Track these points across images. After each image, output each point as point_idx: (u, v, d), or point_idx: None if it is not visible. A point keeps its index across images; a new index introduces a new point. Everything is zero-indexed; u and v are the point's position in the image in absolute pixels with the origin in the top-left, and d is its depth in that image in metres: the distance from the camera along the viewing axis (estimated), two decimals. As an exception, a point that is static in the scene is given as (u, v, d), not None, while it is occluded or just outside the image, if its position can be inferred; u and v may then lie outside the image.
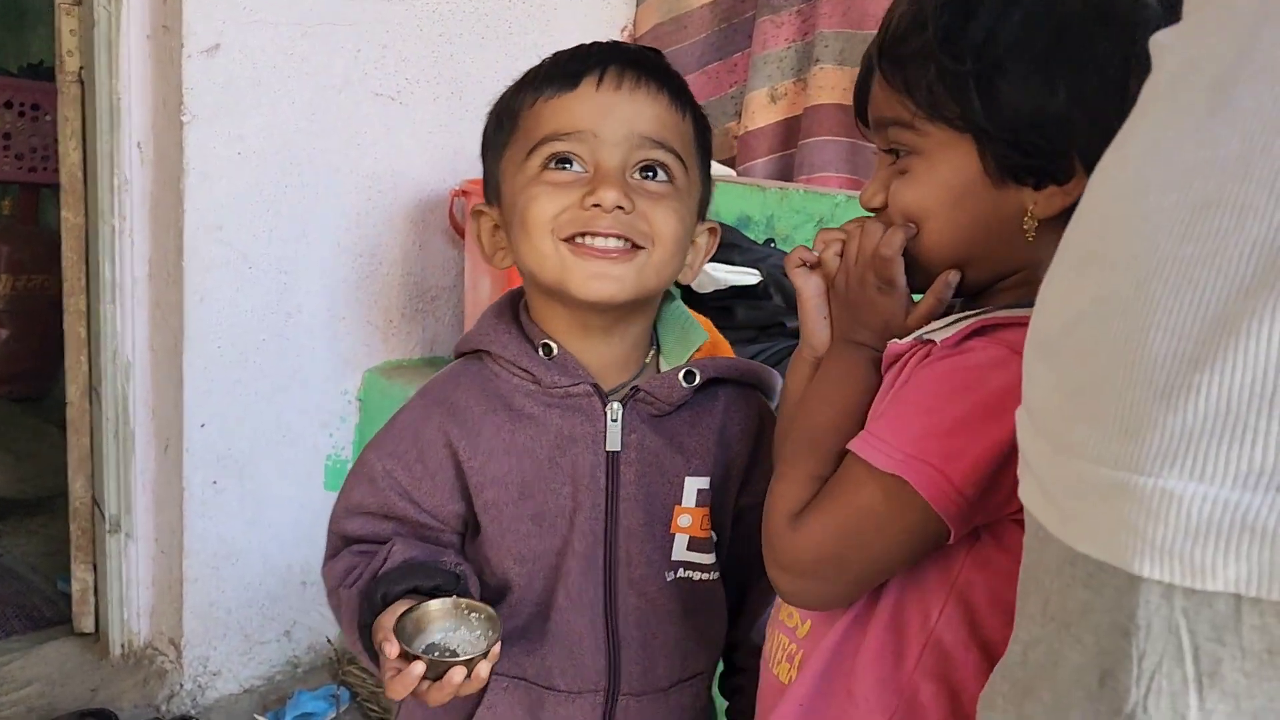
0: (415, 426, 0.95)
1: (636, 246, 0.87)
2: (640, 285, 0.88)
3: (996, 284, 0.80)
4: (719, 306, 1.89)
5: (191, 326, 1.97)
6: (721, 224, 2.05)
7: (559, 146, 0.87)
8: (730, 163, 2.37)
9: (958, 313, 0.80)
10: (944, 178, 0.77)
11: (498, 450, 0.92)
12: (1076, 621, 0.49)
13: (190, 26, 1.85)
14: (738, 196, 2.14)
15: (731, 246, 1.92)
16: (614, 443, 0.92)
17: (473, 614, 0.84)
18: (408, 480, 0.94)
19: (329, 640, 2.26)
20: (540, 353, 0.93)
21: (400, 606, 0.84)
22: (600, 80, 0.88)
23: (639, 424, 0.93)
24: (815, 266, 0.85)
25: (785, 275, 1.84)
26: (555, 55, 0.93)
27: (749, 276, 1.84)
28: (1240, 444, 0.43)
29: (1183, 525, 0.44)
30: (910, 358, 0.78)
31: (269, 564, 2.15)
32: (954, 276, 0.80)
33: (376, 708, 2.08)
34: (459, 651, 0.82)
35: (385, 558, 0.91)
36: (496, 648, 0.81)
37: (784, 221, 2.06)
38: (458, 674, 0.79)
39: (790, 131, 2.28)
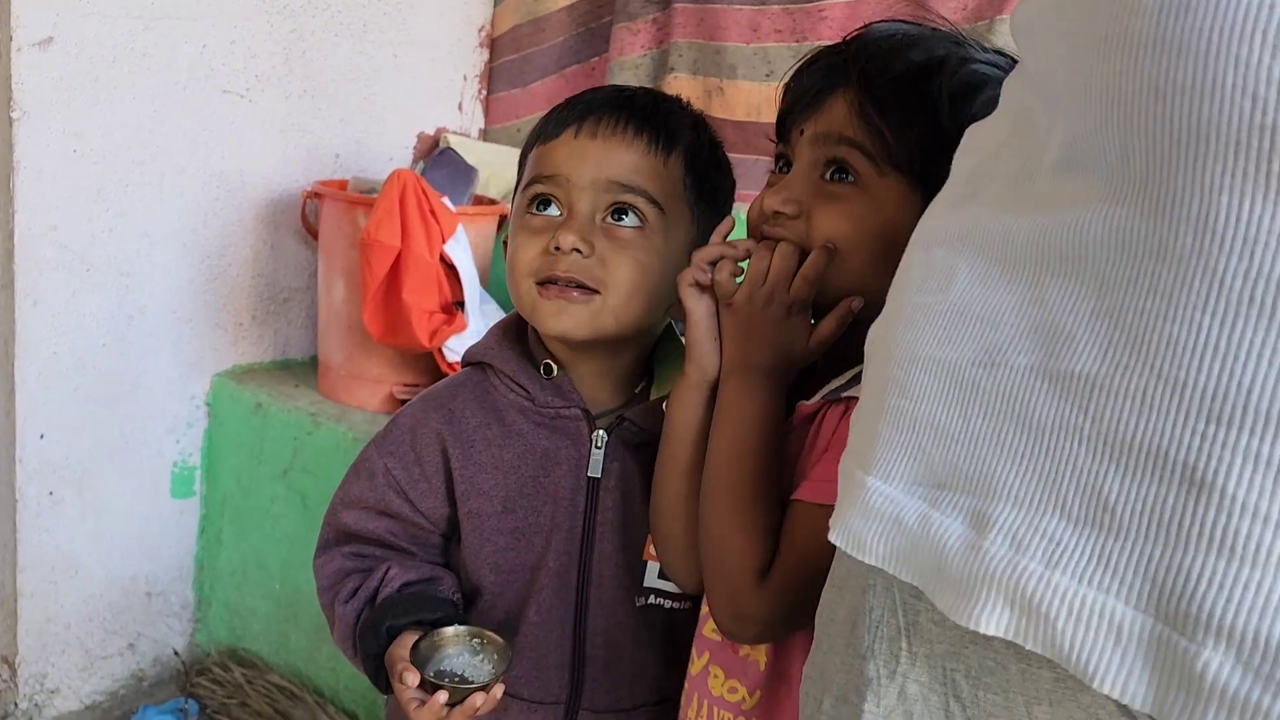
0: (414, 428, 0.99)
1: (593, 290, 0.91)
2: (596, 327, 0.92)
3: None
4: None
5: (23, 332, 1.88)
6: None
7: (538, 188, 0.93)
8: (588, 166, 2.38)
9: (848, 361, 0.82)
10: (882, 222, 0.78)
11: (487, 464, 0.97)
12: (843, 584, 0.61)
13: (20, 18, 1.76)
14: (594, 201, 2.16)
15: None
16: (595, 469, 0.96)
17: (475, 640, 0.90)
18: (405, 479, 0.98)
19: (176, 652, 2.19)
20: (540, 371, 0.97)
21: (409, 638, 0.89)
22: (579, 129, 0.92)
23: (622, 452, 0.97)
24: (707, 288, 0.84)
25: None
26: (557, 106, 0.97)
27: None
28: (911, 457, 0.54)
29: (859, 509, 0.56)
30: (825, 415, 0.80)
31: (112, 576, 2.08)
32: (858, 304, 0.81)
33: (227, 719, 2.03)
34: (468, 676, 0.88)
35: (382, 579, 0.95)
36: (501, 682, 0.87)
37: (639, 227, 2.09)
38: (478, 699, 0.85)
39: (646, 137, 2.31)
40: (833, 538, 0.57)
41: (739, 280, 0.84)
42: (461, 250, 1.94)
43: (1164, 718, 0.46)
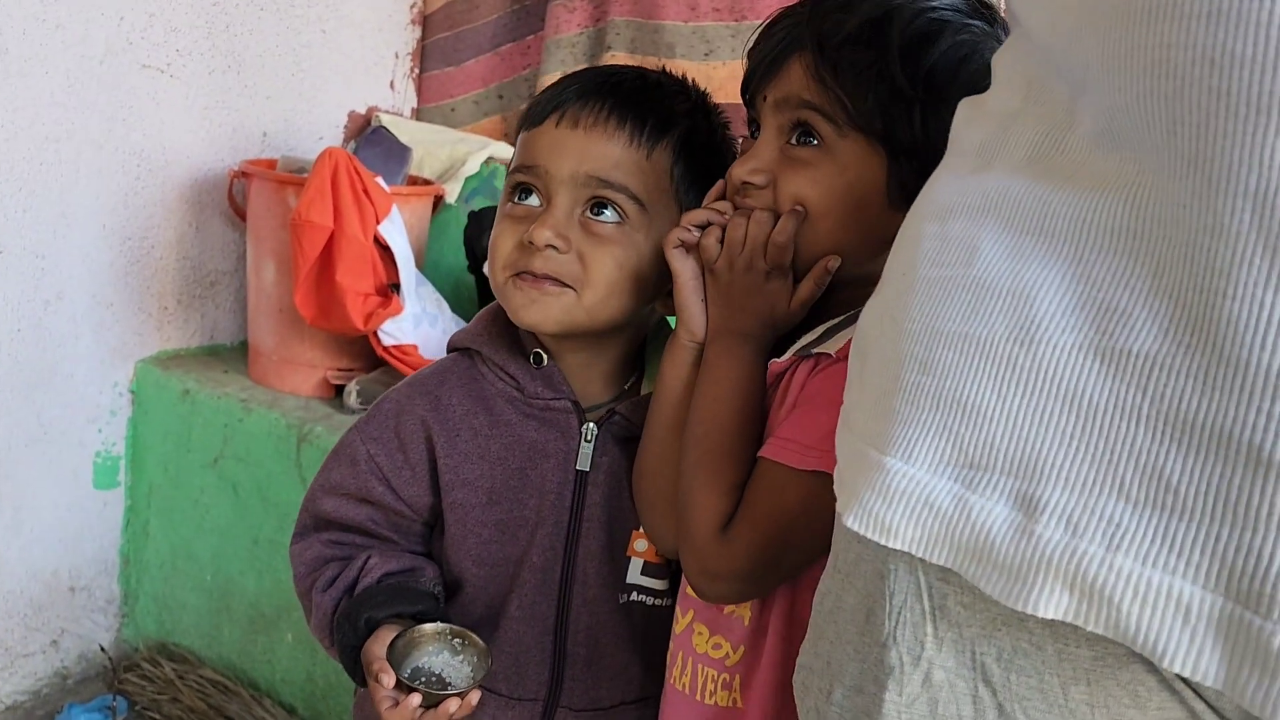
0: (399, 415, 0.96)
1: (567, 285, 0.89)
2: (569, 321, 0.90)
3: (859, 290, 0.82)
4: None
5: (-67, 317, 1.79)
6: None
7: (518, 177, 0.91)
8: (524, 146, 2.35)
9: (825, 322, 0.82)
10: (848, 183, 0.78)
11: (473, 454, 0.94)
12: (852, 571, 0.59)
13: (-78, -14, 1.67)
14: (532, 181, 2.13)
15: (526, 233, 1.91)
16: (584, 463, 0.94)
17: (455, 639, 0.87)
18: (388, 466, 0.95)
19: (102, 648, 2.12)
20: (530, 360, 0.95)
21: (387, 633, 0.86)
22: (561, 118, 0.89)
23: (611, 446, 0.95)
24: (692, 249, 0.84)
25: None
26: (549, 86, 0.94)
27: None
28: (936, 436, 0.52)
29: (880, 491, 0.53)
30: (794, 371, 0.80)
31: (32, 571, 2.00)
32: (834, 263, 0.81)
33: (158, 715, 1.97)
34: (445, 676, 0.86)
35: (362, 568, 0.92)
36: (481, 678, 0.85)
37: (578, 208, 2.07)
38: (453, 704, 0.83)
39: (583, 117, 2.28)
40: (849, 522, 0.55)
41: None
42: (396, 231, 1.89)
43: (1238, 694, 0.45)
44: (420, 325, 1.91)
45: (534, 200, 0.90)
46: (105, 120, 1.93)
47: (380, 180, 1.90)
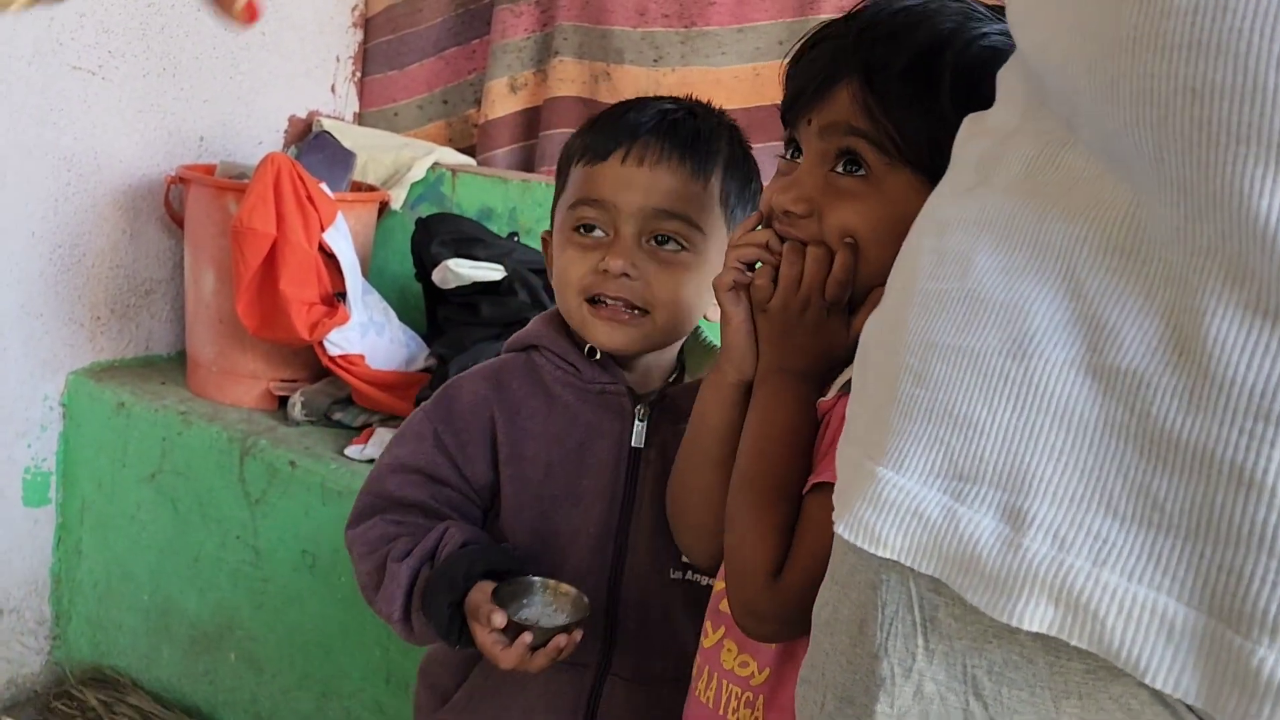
0: (463, 395, 1.03)
1: (641, 310, 0.98)
2: (647, 341, 1.01)
3: None
4: (463, 303, 1.86)
5: None
6: (464, 217, 2.03)
7: (585, 212, 0.99)
8: (470, 151, 2.32)
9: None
10: (896, 216, 0.75)
11: (531, 432, 1.01)
12: (847, 581, 0.59)
13: None
14: (479, 188, 2.11)
15: (474, 241, 1.89)
16: (639, 440, 1.02)
17: (549, 590, 0.94)
18: (454, 444, 1.02)
19: (36, 672, 2.04)
20: (585, 352, 1.03)
21: (487, 585, 0.92)
22: (626, 156, 0.97)
23: (664, 425, 1.02)
24: (742, 288, 0.82)
25: (532, 270, 1.85)
26: (602, 116, 1.03)
27: (493, 272, 1.82)
28: (928, 448, 0.53)
29: (870, 500, 0.54)
30: (836, 407, 0.79)
31: (-43, 594, 1.91)
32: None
33: (93, 741, 1.90)
34: (543, 624, 0.92)
35: (441, 538, 0.97)
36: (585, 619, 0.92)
37: (527, 214, 2.05)
38: (562, 640, 0.90)
39: (531, 122, 2.26)
40: (840, 530, 0.55)
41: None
42: (341, 239, 1.86)
43: (1218, 713, 0.45)
44: (367, 334, 1.87)
45: (599, 233, 0.99)
46: (34, 124, 1.86)
47: (324, 186, 1.86)
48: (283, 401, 1.94)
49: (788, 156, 0.85)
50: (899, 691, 0.55)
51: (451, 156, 2.21)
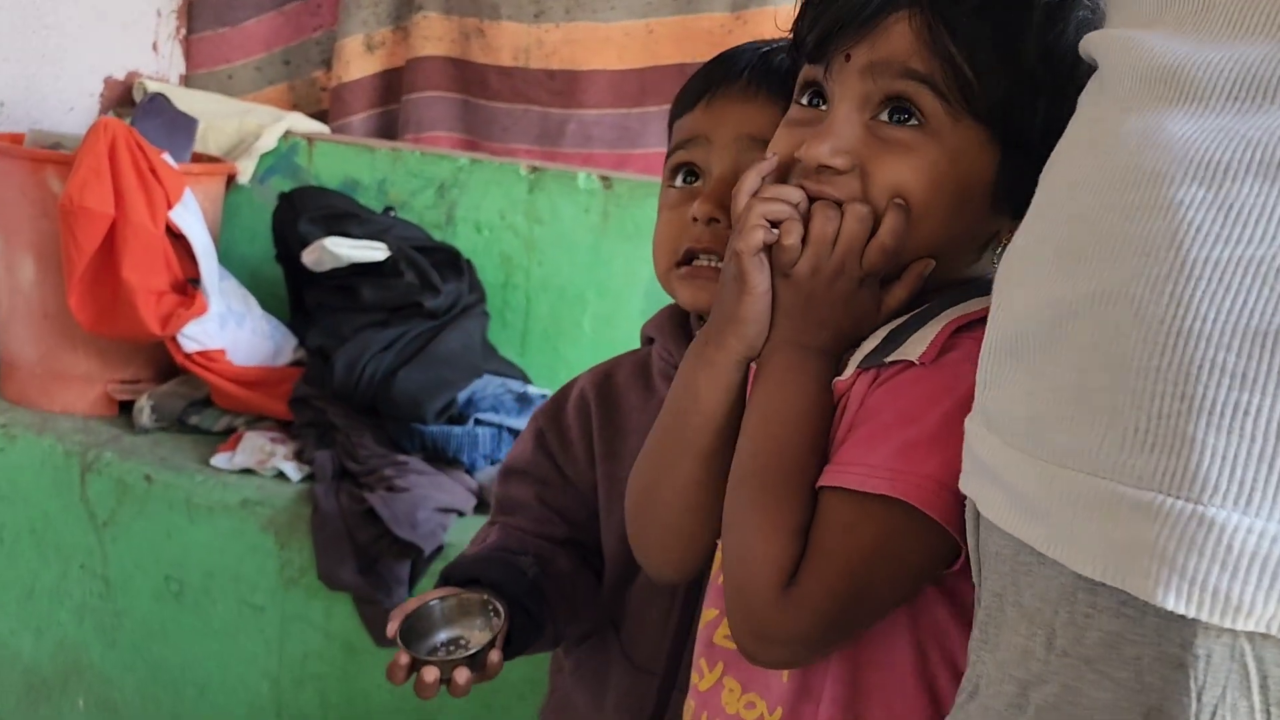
0: (572, 392, 1.01)
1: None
2: None
3: (930, 295, 0.70)
4: (338, 286, 1.68)
5: None
6: (333, 191, 1.83)
7: (680, 155, 0.92)
8: (321, 118, 2.11)
9: (877, 329, 0.70)
10: (957, 175, 0.66)
11: (625, 428, 0.96)
12: (1102, 656, 0.46)
13: None
14: (341, 158, 1.91)
15: (348, 217, 1.71)
16: None
17: (493, 615, 0.88)
18: (556, 444, 1.00)
19: None
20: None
21: (415, 601, 0.89)
22: (716, 93, 0.90)
23: None
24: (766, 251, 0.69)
25: (416, 248, 1.68)
26: (691, 80, 0.96)
27: (374, 251, 1.64)
28: None
29: (1220, 557, 0.42)
30: (854, 385, 0.68)
31: None
32: (929, 267, 0.69)
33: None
34: (470, 643, 0.87)
35: (483, 542, 0.98)
36: (493, 657, 0.85)
37: (399, 186, 1.87)
38: (460, 674, 0.84)
39: (392, 85, 2.08)
40: (1172, 602, 0.43)
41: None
42: (192, 217, 1.64)
43: None
44: (227, 326, 1.67)
45: (693, 180, 0.91)
46: None
47: (167, 157, 1.63)
48: (125, 406, 1.72)
49: (804, 102, 0.73)
50: None
51: (305, 124, 1.99)
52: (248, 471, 1.56)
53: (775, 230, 0.67)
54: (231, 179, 1.89)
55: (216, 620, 1.53)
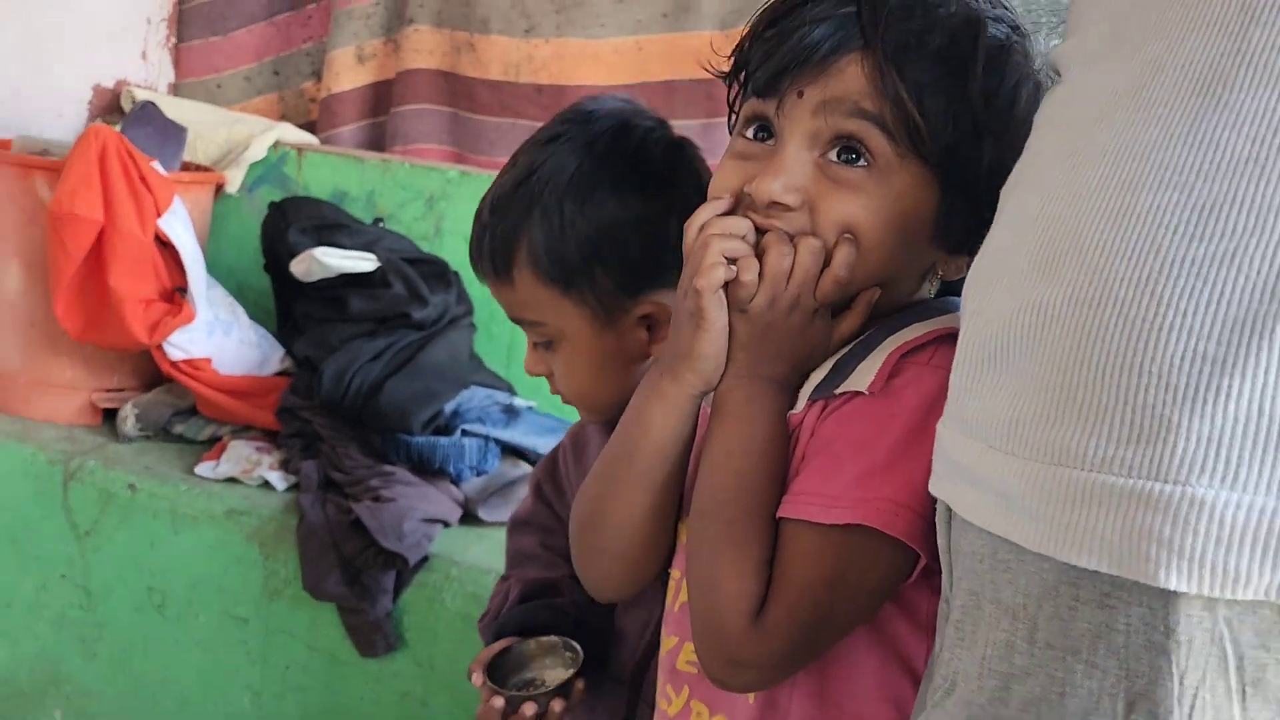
0: (566, 439, 1.03)
1: None
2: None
3: (871, 322, 0.73)
4: (327, 297, 1.68)
5: None
6: (324, 202, 1.84)
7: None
8: (309, 128, 2.12)
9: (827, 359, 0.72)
10: (902, 213, 0.68)
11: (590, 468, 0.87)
12: (1087, 646, 0.48)
13: None
14: (330, 169, 1.93)
15: (337, 227, 1.72)
16: None
17: (567, 650, 0.94)
18: (552, 492, 1.02)
19: None
20: None
21: (498, 646, 0.95)
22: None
23: None
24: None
25: (405, 260, 1.68)
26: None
27: (363, 262, 1.65)
28: (1269, 451, 0.44)
29: (1214, 534, 0.44)
30: (805, 417, 0.69)
31: None
32: (875, 295, 0.71)
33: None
34: (548, 685, 0.93)
35: (505, 598, 1.01)
36: (578, 685, 0.91)
37: (388, 198, 1.88)
38: (528, 709, 0.90)
39: (381, 97, 2.09)
40: (1175, 581, 0.45)
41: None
42: (180, 225, 1.64)
43: None
44: (214, 334, 1.67)
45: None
46: None
47: (157, 165, 1.63)
48: (110, 415, 1.72)
49: (750, 135, 0.73)
50: None
51: (294, 134, 2.01)
52: (232, 481, 1.55)
53: (733, 267, 0.68)
54: (220, 188, 1.90)
55: (199, 632, 1.53)
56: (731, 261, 0.69)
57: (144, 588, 1.55)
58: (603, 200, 0.87)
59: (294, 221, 1.69)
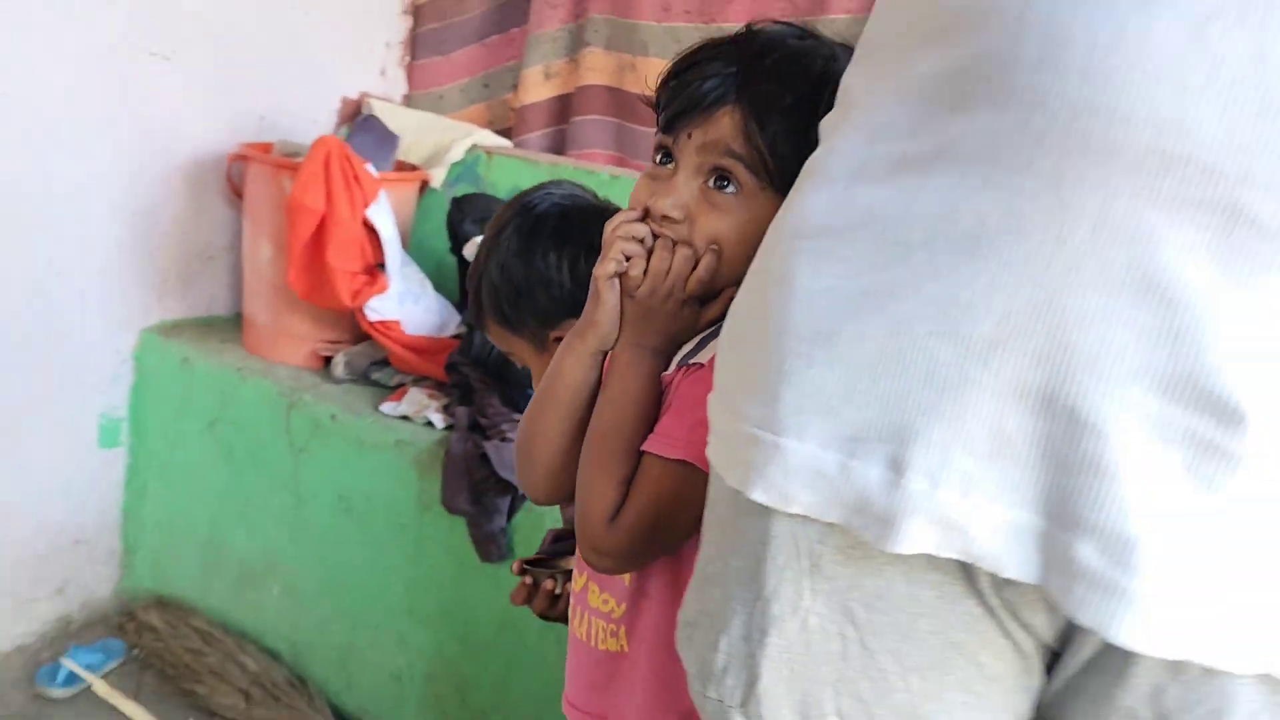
0: None
1: None
2: None
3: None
4: (491, 275, 2.01)
5: (-49, 286, 1.92)
6: (495, 197, 2.18)
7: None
8: (507, 134, 2.47)
9: (697, 336, 0.94)
10: (759, 228, 0.82)
11: None
12: (738, 539, 0.69)
13: (-55, -22, 1.79)
14: (512, 169, 2.25)
15: (504, 219, 2.04)
16: None
17: None
18: None
19: (106, 597, 2.27)
20: None
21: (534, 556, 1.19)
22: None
23: None
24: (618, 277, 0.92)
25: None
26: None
27: (518, 249, 1.97)
28: (823, 417, 0.63)
29: (785, 467, 0.64)
30: (676, 377, 0.92)
31: (40, 524, 2.14)
32: (735, 292, 0.88)
33: (159, 661, 2.12)
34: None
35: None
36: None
37: (555, 195, 2.19)
38: (547, 583, 1.14)
39: (563, 108, 2.40)
40: (756, 495, 0.65)
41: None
42: (383, 215, 2.02)
43: (1048, 588, 0.59)
44: (404, 303, 2.04)
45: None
46: (115, 105, 2.05)
47: (370, 167, 2.03)
48: (327, 361, 2.12)
49: (657, 160, 0.93)
50: (788, 625, 0.66)
51: (489, 139, 2.35)
52: (405, 419, 1.92)
53: (626, 262, 0.91)
54: (426, 184, 2.29)
55: (372, 533, 1.89)
56: (629, 258, 0.92)
57: (336, 496, 1.93)
58: (515, 268, 1.15)
59: (468, 214, 2.04)
